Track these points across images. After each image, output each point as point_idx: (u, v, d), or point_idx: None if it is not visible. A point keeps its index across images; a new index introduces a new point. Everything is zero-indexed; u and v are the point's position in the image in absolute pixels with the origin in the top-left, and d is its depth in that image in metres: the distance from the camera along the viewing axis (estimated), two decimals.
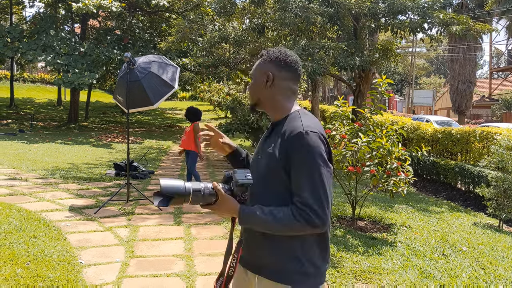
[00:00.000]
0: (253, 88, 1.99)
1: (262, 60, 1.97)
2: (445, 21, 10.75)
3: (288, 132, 1.78)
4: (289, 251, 1.79)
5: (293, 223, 1.69)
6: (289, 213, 1.70)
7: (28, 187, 7.88)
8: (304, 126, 1.76)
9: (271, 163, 1.81)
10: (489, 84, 38.43)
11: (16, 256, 4.41)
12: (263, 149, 1.91)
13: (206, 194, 1.78)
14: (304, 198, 1.69)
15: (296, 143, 1.74)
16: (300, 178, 1.72)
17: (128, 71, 6.78)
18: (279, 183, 1.79)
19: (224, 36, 12.69)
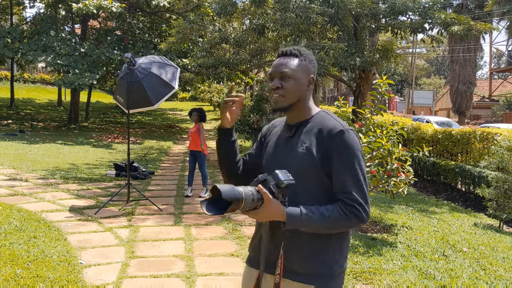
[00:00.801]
0: (295, 89, 1.90)
1: (302, 61, 1.93)
2: (446, 21, 10.74)
3: (326, 131, 1.81)
4: (325, 254, 1.81)
5: (344, 219, 1.72)
6: (337, 210, 1.72)
7: (29, 188, 7.88)
8: (343, 125, 1.81)
9: (306, 162, 1.80)
10: (489, 84, 38.44)
11: (16, 256, 4.41)
12: (289, 148, 1.88)
13: (255, 198, 1.69)
14: (353, 194, 1.73)
15: (339, 141, 1.77)
16: (346, 175, 1.75)
17: (129, 71, 6.78)
18: (315, 181, 1.80)
19: (224, 37, 12.68)
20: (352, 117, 6.18)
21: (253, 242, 1.99)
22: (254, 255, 1.96)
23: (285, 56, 1.93)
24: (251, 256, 2.00)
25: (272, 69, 1.94)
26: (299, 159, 1.83)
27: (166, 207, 7.05)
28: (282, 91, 1.89)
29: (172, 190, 8.50)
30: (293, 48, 1.94)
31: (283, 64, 1.91)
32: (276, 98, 1.90)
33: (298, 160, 1.83)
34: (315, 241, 1.79)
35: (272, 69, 1.93)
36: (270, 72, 1.94)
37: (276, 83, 1.89)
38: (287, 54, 1.93)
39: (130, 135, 17.96)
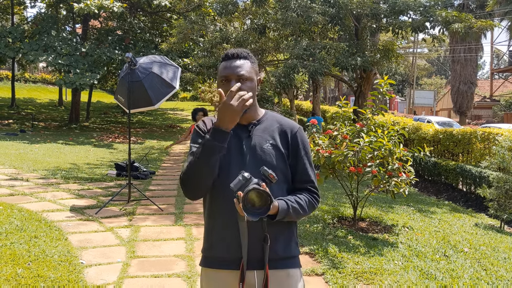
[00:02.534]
0: (253, 90, 1.92)
1: (253, 63, 1.97)
2: (447, 19, 10.74)
3: (289, 129, 1.98)
4: (294, 236, 1.98)
5: (313, 206, 1.95)
6: (309, 199, 1.94)
7: (29, 187, 7.88)
8: (296, 123, 2.03)
9: (275, 157, 1.91)
10: (490, 85, 38.41)
11: (17, 256, 4.41)
12: (251, 147, 1.91)
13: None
14: (314, 183, 1.98)
15: (300, 137, 1.98)
16: (308, 167, 1.97)
17: (130, 71, 6.78)
18: (281, 174, 1.90)
19: (225, 37, 12.69)
20: (353, 117, 6.17)
21: (222, 244, 1.90)
22: (227, 256, 1.89)
23: (235, 58, 1.94)
24: (222, 257, 1.91)
25: (226, 71, 1.91)
26: (267, 155, 1.91)
27: (167, 207, 7.04)
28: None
29: (173, 190, 8.50)
30: (243, 50, 1.96)
31: (239, 66, 1.91)
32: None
33: (267, 156, 1.91)
34: (290, 226, 1.96)
35: (227, 71, 1.91)
36: (225, 75, 1.91)
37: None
38: (237, 56, 1.94)
39: (131, 135, 17.97)
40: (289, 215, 1.84)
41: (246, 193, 1.67)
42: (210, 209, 1.95)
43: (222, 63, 1.97)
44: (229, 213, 1.83)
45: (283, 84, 12.00)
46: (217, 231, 1.93)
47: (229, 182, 1.77)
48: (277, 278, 1.89)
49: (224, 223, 1.89)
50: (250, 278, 1.87)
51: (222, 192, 1.87)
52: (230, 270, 1.88)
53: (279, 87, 12.72)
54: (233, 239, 1.86)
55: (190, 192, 1.93)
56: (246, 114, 1.92)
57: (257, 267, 1.86)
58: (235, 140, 1.92)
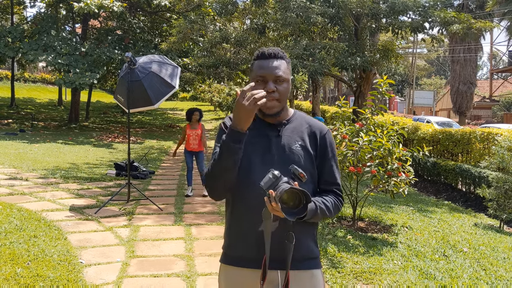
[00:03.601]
0: (287, 92, 1.92)
1: (287, 62, 1.94)
2: (446, 20, 10.74)
3: (318, 130, 1.98)
4: (315, 237, 1.98)
5: (338, 208, 1.95)
6: (335, 201, 1.94)
7: (29, 187, 7.88)
8: (325, 125, 2.04)
9: (304, 157, 1.91)
10: (489, 85, 38.41)
11: (16, 255, 4.41)
12: (280, 147, 1.90)
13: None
14: (339, 186, 1.99)
15: (328, 139, 1.99)
16: (335, 169, 1.99)
17: (129, 71, 6.78)
18: (308, 174, 1.89)
19: (225, 36, 12.68)
20: (352, 117, 6.17)
21: (244, 242, 1.89)
22: (248, 254, 1.87)
23: (272, 58, 1.90)
24: (243, 256, 1.89)
25: (264, 71, 1.87)
26: (296, 156, 1.90)
27: (166, 207, 7.04)
28: (277, 94, 1.87)
29: (172, 190, 8.50)
30: (279, 50, 1.93)
31: (277, 67, 1.88)
32: (271, 104, 1.87)
33: (295, 157, 1.89)
34: (312, 226, 1.96)
35: (265, 71, 1.87)
36: (262, 74, 1.87)
37: (272, 87, 1.86)
38: (275, 56, 1.91)
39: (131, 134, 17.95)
40: (316, 216, 1.83)
41: (282, 193, 1.64)
42: (233, 206, 1.94)
43: (257, 62, 1.92)
44: (253, 211, 1.82)
45: None
46: (239, 228, 1.92)
47: (255, 181, 1.76)
48: (300, 279, 1.87)
49: (247, 221, 1.87)
50: (271, 277, 1.85)
51: (247, 190, 1.86)
52: (251, 268, 1.87)
53: None
54: (256, 237, 1.84)
55: (212, 192, 1.91)
56: (277, 116, 1.92)
57: (279, 266, 1.83)
58: (263, 139, 1.92)
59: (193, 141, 8.00)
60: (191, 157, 8.07)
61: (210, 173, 1.85)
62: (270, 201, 1.68)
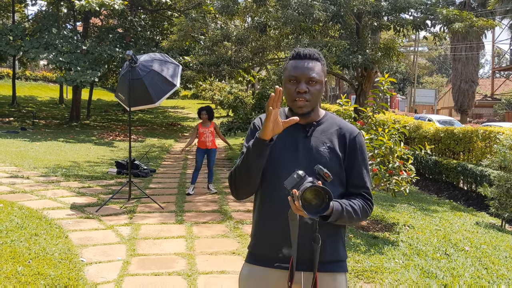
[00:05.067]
0: (319, 94, 1.93)
1: (321, 64, 1.94)
2: (448, 17, 10.70)
3: (348, 132, 1.94)
4: (342, 240, 1.96)
5: (366, 212, 1.89)
6: (363, 204, 1.88)
7: (30, 185, 7.88)
8: (355, 127, 1.99)
9: (331, 159, 1.88)
10: (491, 83, 38.34)
11: (17, 254, 4.41)
12: (308, 148, 1.89)
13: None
14: (369, 190, 1.93)
15: (358, 142, 1.94)
16: (364, 173, 1.93)
17: (130, 69, 6.77)
18: (336, 176, 1.87)
19: (226, 35, 12.66)
20: (354, 115, 6.16)
21: (270, 242, 1.89)
22: (274, 254, 1.87)
23: (307, 59, 1.91)
24: (269, 256, 1.89)
25: (297, 72, 1.89)
26: (323, 158, 1.88)
27: (167, 205, 7.04)
28: (308, 95, 1.88)
29: (173, 188, 8.50)
30: (315, 51, 1.93)
31: (311, 68, 1.89)
32: (302, 103, 1.89)
33: (322, 158, 1.88)
34: (339, 229, 1.93)
35: (298, 72, 1.89)
36: (295, 75, 1.89)
37: (304, 87, 1.87)
38: (310, 57, 1.91)
39: (132, 133, 17.95)
40: (342, 218, 1.80)
41: (303, 191, 1.64)
42: (260, 206, 1.94)
43: (291, 61, 1.93)
44: (280, 211, 1.83)
45: None
46: (266, 228, 1.92)
47: (282, 180, 1.77)
48: (323, 281, 1.86)
49: (274, 221, 1.88)
50: (296, 278, 1.84)
51: (273, 190, 1.87)
52: (277, 269, 1.87)
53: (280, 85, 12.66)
54: (282, 238, 1.84)
55: (233, 191, 1.94)
56: (308, 117, 1.93)
57: (304, 268, 1.83)
58: (292, 140, 1.92)
59: (207, 138, 7.98)
60: (203, 156, 8.02)
61: (234, 173, 1.89)
62: (293, 201, 1.69)
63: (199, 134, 8.02)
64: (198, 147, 8.05)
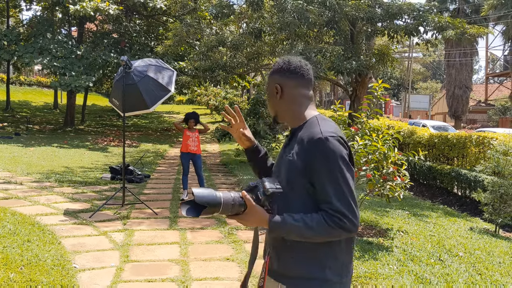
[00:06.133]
0: (269, 102, 1.98)
1: (269, 73, 1.98)
2: (440, 24, 10.79)
3: (307, 138, 1.77)
4: (313, 259, 1.77)
5: (326, 229, 1.68)
6: (321, 220, 1.68)
7: (23, 191, 7.83)
8: (323, 132, 1.75)
9: (292, 170, 1.79)
10: (485, 89, 38.58)
11: (9, 260, 4.37)
12: (283, 156, 1.89)
13: (236, 204, 1.71)
14: (334, 204, 1.68)
15: (317, 149, 1.73)
16: (326, 184, 1.70)
17: (124, 74, 6.76)
18: (301, 189, 1.77)
19: (221, 40, 12.69)
20: (348, 121, 6.17)
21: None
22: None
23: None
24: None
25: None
26: (286, 167, 1.83)
27: (161, 211, 7.01)
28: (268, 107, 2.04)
29: (167, 194, 8.47)
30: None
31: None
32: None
33: (285, 168, 1.83)
34: (302, 245, 1.76)
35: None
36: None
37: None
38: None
39: (126, 138, 17.91)
40: (285, 232, 1.72)
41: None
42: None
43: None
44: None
45: None
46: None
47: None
48: (269, 284, 1.87)
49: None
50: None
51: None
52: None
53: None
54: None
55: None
56: (289, 124, 1.95)
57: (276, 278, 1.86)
58: (282, 147, 1.97)
59: (192, 143, 7.94)
60: (188, 160, 7.99)
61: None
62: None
63: (184, 137, 7.99)
64: (182, 152, 8.00)
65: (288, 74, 1.91)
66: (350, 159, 1.79)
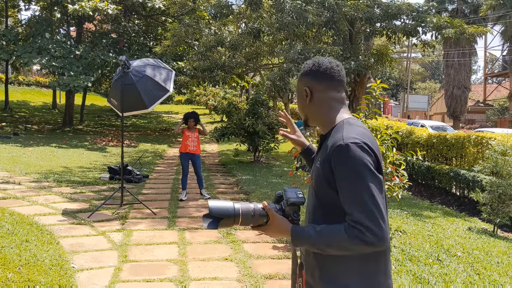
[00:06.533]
0: (298, 105, 1.93)
1: (299, 76, 1.91)
2: (439, 24, 10.80)
3: (330, 145, 1.68)
4: (342, 272, 1.70)
5: (347, 242, 1.58)
6: (341, 231, 1.59)
7: (21, 191, 7.83)
8: (344, 138, 1.66)
9: (318, 178, 1.73)
10: (483, 89, 38.64)
11: (7, 260, 4.36)
12: (314, 164, 1.84)
13: (257, 215, 1.69)
14: (354, 216, 1.58)
15: (337, 157, 1.64)
16: (347, 194, 1.61)
17: (123, 74, 6.75)
18: (327, 198, 1.70)
19: (220, 40, 12.69)
20: None
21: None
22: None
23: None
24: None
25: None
26: (315, 174, 1.77)
27: (160, 211, 7.01)
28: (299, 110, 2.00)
29: (166, 194, 8.47)
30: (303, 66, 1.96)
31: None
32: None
33: (314, 176, 1.78)
34: (328, 259, 1.71)
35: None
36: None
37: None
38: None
39: (125, 138, 17.90)
40: (308, 243, 1.66)
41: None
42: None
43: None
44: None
45: (278, 88, 12.01)
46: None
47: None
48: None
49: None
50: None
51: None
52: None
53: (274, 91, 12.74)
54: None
55: None
56: (320, 129, 1.90)
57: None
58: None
59: (192, 143, 7.94)
60: (188, 161, 7.99)
61: None
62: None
63: (184, 137, 7.99)
64: (182, 152, 8.01)
65: (317, 76, 1.84)
66: (378, 167, 1.66)
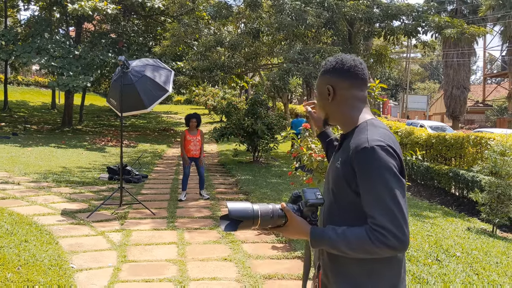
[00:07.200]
0: (318, 103, 1.89)
1: (320, 73, 1.86)
2: (439, 24, 10.81)
3: (353, 147, 1.65)
4: (355, 273, 1.68)
5: (369, 245, 1.56)
6: (363, 234, 1.57)
7: (21, 191, 7.82)
8: (369, 140, 1.63)
9: (338, 179, 1.70)
10: (483, 89, 38.68)
11: (7, 260, 4.36)
12: (333, 163, 1.79)
13: (275, 216, 1.68)
14: (377, 219, 1.55)
15: (361, 159, 1.61)
16: (370, 197, 1.59)
17: (122, 74, 6.75)
18: (347, 200, 1.68)
19: (219, 40, 12.69)
20: None
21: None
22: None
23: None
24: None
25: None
26: (334, 175, 1.74)
27: (159, 211, 7.01)
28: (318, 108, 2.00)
29: (165, 194, 8.46)
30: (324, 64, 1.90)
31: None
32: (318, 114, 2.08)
33: (333, 176, 1.75)
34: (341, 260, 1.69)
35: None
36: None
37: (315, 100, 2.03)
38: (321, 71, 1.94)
39: (124, 138, 17.89)
40: (326, 245, 1.63)
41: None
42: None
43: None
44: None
45: (277, 88, 12.02)
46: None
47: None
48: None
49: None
50: None
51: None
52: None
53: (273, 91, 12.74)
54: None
55: None
56: (340, 128, 1.85)
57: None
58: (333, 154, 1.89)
59: (194, 147, 7.94)
60: (190, 164, 8.02)
61: None
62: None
63: (186, 142, 7.97)
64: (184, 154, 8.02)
65: (341, 74, 1.79)
66: (401, 170, 1.65)
